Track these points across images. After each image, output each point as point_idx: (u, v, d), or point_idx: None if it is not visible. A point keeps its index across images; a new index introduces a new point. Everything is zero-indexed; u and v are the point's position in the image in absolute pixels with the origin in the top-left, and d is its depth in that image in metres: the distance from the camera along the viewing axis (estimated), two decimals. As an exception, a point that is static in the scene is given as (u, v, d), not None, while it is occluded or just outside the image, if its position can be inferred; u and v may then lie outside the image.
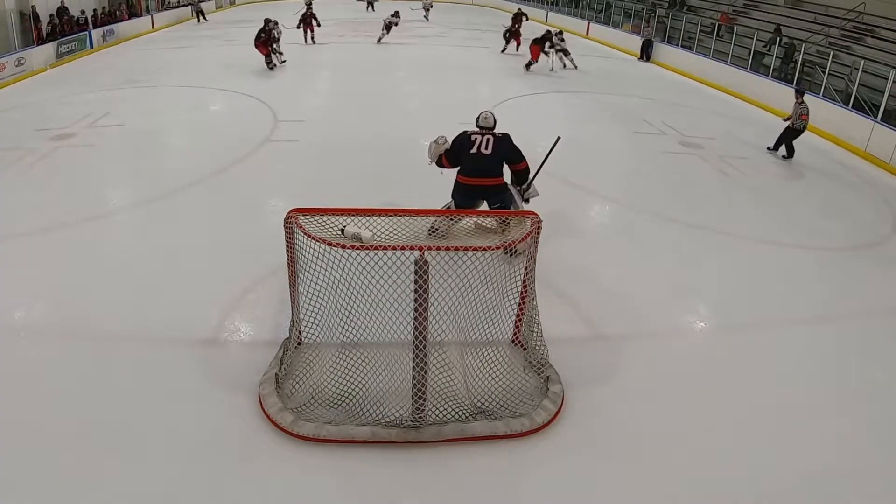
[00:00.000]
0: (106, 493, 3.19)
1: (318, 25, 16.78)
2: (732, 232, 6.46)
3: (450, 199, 5.45)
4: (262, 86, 12.00)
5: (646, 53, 17.49)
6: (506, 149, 5.25)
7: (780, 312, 5.15)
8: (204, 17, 23.80)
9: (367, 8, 27.52)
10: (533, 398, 3.84)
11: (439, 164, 5.39)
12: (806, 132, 9.68)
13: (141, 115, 10.11)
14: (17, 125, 9.54)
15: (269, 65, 13.56)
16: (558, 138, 5.71)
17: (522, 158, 5.33)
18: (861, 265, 6.03)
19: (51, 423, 3.60)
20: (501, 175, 5.30)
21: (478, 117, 5.39)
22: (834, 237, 5.95)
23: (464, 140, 5.25)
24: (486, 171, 5.18)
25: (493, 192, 5.27)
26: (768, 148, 9.28)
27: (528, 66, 14.68)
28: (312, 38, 17.00)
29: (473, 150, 5.17)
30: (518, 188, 5.43)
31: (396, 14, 18.59)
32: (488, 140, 5.17)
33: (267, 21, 13.40)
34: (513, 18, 17.55)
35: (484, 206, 5.30)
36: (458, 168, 5.30)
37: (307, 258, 3.65)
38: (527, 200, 5.47)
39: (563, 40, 15.04)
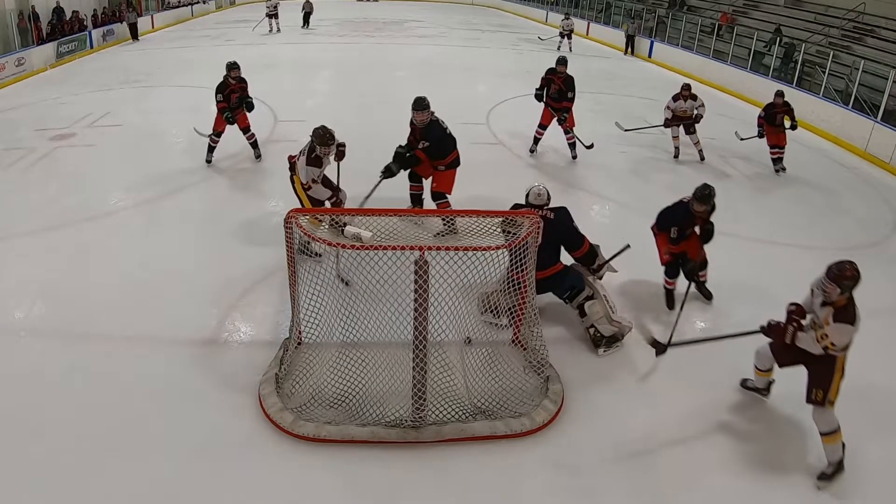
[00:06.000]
0: (106, 493, 3.19)
1: (250, 111, 7.99)
2: (732, 232, 6.43)
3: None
4: (262, 86, 11.91)
5: (630, 47, 18.49)
6: (560, 230, 4.29)
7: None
8: (136, 37, 18.98)
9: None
10: (533, 398, 3.84)
11: None
12: (806, 132, 9.47)
13: (141, 115, 10.13)
14: (17, 125, 9.54)
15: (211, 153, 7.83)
16: (627, 245, 4.70)
17: (582, 240, 4.32)
18: (861, 265, 6.01)
19: (51, 423, 3.60)
20: (557, 262, 4.38)
21: (528, 193, 4.35)
22: (834, 237, 5.94)
23: None
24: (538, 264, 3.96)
25: (551, 283, 4.37)
26: None
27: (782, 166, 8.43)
28: (253, 144, 8.05)
29: None
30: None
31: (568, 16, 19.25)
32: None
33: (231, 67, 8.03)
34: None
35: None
36: None
37: (307, 258, 3.65)
38: (600, 277, 4.62)
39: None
